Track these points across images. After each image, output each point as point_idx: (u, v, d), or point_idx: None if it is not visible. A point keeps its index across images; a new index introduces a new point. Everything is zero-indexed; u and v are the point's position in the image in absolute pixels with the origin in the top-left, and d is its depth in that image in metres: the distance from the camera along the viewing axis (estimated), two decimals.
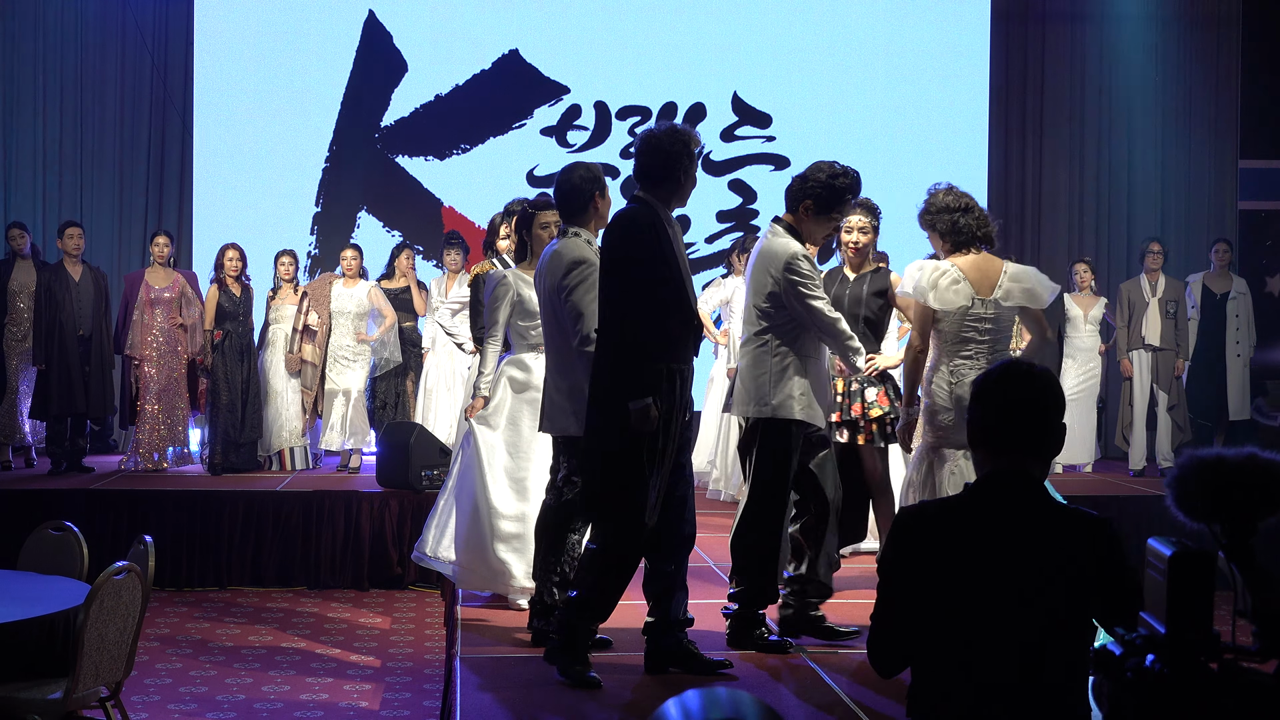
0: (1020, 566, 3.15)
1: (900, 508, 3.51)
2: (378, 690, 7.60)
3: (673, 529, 5.51)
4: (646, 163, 5.50)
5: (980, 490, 3.29)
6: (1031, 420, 3.28)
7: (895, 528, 3.33)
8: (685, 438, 5.57)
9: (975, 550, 3.19)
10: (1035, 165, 14.55)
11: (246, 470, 11.39)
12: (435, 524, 7.38)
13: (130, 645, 5.64)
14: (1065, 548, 3.16)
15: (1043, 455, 3.30)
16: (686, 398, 5.48)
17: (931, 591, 3.20)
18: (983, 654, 3.14)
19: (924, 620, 3.22)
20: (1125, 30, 14.51)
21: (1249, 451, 2.63)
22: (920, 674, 3.26)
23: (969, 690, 3.13)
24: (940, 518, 3.32)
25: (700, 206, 13.77)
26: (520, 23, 14.03)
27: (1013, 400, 3.28)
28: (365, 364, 11.74)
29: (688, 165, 5.49)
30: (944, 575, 3.20)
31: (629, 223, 5.48)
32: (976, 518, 3.24)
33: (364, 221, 13.97)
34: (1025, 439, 3.28)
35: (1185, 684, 2.43)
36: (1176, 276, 12.57)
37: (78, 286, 11.33)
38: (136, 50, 13.79)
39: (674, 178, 5.49)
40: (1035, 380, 3.31)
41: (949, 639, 3.18)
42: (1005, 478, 3.26)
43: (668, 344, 5.37)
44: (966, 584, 3.17)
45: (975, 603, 3.16)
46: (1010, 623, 3.13)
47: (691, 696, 2.09)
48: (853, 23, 14.25)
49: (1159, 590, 2.51)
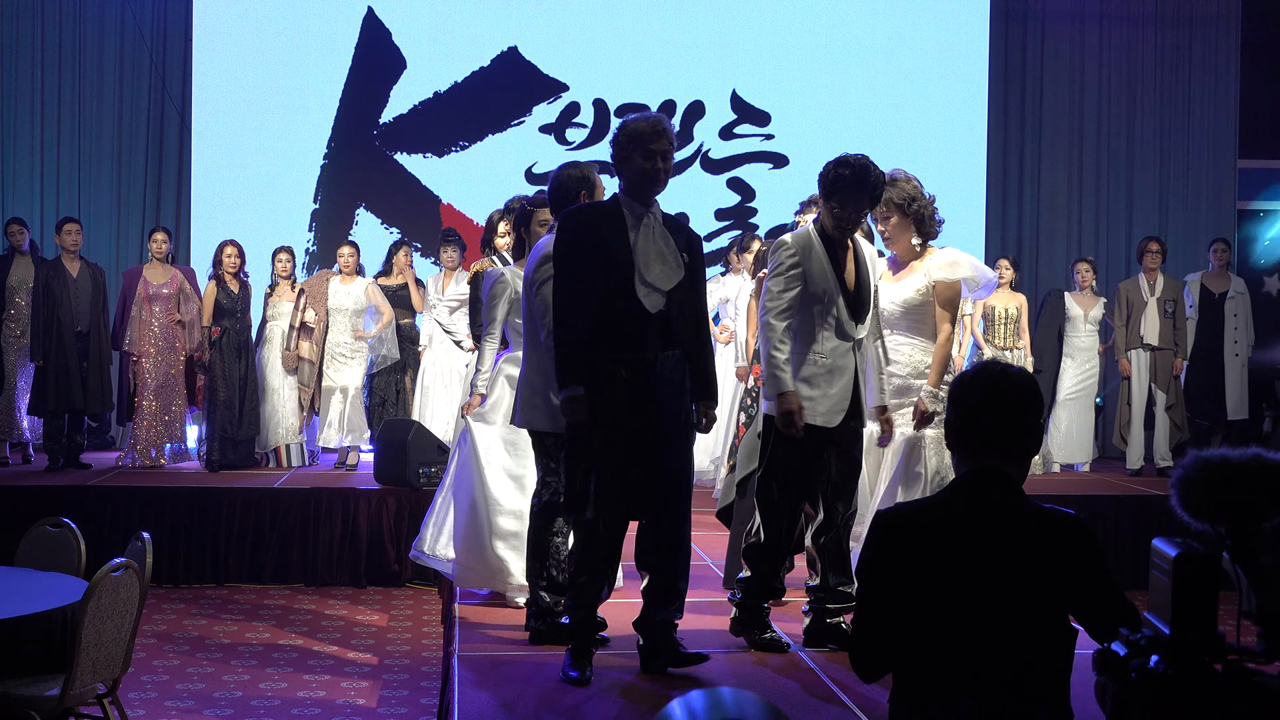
0: (997, 567, 3.16)
1: (877, 510, 3.48)
2: (375, 687, 7.60)
3: (652, 528, 5.44)
4: (611, 154, 5.50)
5: (957, 491, 3.31)
6: (1008, 421, 3.29)
7: (873, 530, 3.34)
8: (659, 433, 5.36)
9: (953, 551, 3.20)
10: (1034, 164, 14.57)
11: (244, 467, 11.38)
12: (433, 522, 7.37)
13: (128, 642, 5.64)
14: (1042, 548, 3.17)
15: (1019, 455, 3.32)
16: (648, 392, 5.32)
17: (910, 593, 3.21)
18: (962, 655, 3.15)
19: (904, 622, 3.22)
20: (1124, 30, 14.54)
21: (1254, 452, 2.63)
22: (901, 675, 3.27)
23: (949, 691, 3.14)
24: (917, 519, 3.33)
25: (698, 204, 13.77)
26: (519, 20, 14.04)
27: (989, 401, 3.30)
28: (362, 361, 11.75)
29: (631, 151, 5.37)
30: (922, 577, 3.20)
31: (567, 217, 5.49)
32: (953, 519, 3.25)
33: (362, 218, 13.96)
34: (1001, 440, 3.29)
35: (1189, 685, 2.43)
36: (1175, 276, 12.59)
37: (75, 283, 11.32)
38: (135, 47, 13.79)
39: (626, 165, 5.41)
40: (1011, 380, 3.32)
41: (928, 640, 3.19)
42: (982, 478, 3.28)
43: (609, 336, 5.29)
44: (944, 585, 3.18)
45: (953, 604, 3.17)
46: (988, 624, 3.14)
47: (696, 697, 2.09)
48: (851, 21, 14.27)
49: (1164, 591, 2.52)
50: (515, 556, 6.76)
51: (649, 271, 5.31)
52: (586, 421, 5.28)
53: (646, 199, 5.42)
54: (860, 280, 5.87)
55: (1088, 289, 12.30)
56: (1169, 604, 2.50)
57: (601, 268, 5.31)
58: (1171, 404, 12.04)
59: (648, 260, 5.32)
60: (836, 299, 5.79)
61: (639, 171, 5.38)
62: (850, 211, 5.80)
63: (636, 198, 5.42)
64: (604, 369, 5.29)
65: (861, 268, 5.90)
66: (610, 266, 5.29)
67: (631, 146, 5.37)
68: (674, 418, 5.38)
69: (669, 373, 5.36)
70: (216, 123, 13.78)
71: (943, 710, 3.14)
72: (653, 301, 5.31)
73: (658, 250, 5.35)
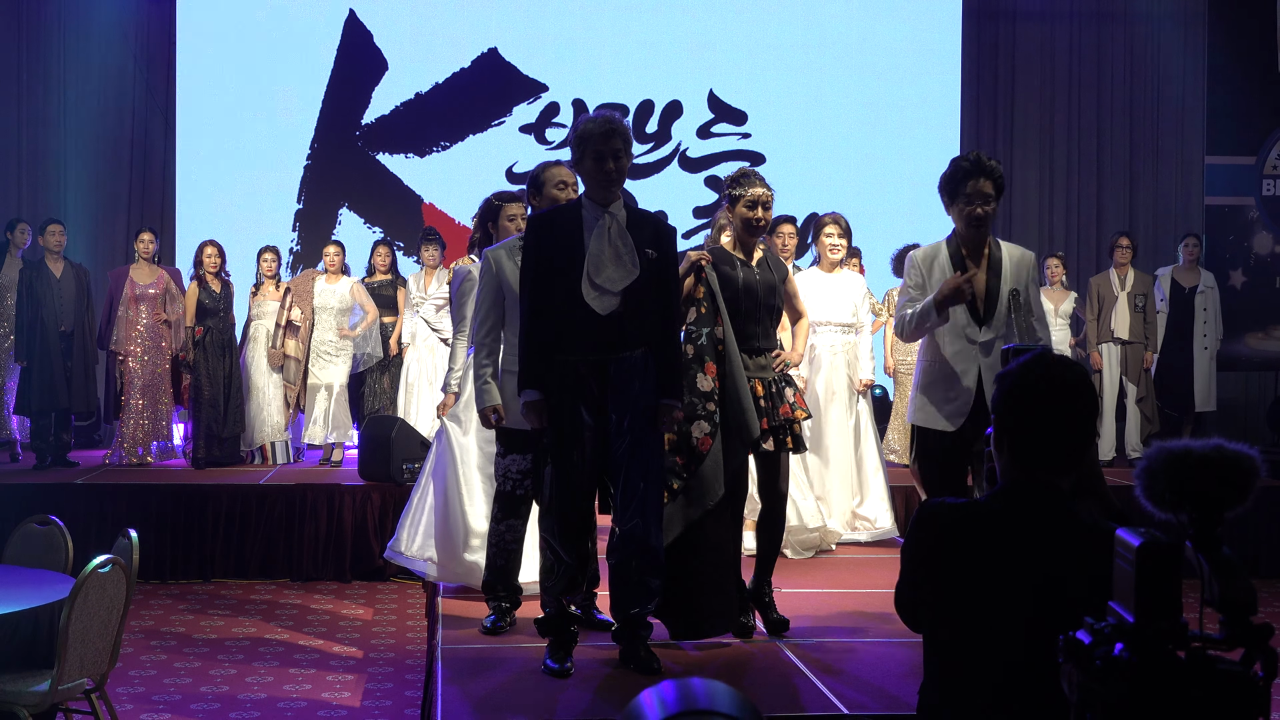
0: (1039, 581, 3.08)
1: (923, 502, 3.44)
2: (360, 681, 7.67)
3: (620, 524, 5.45)
4: (570, 154, 5.54)
5: (1004, 500, 3.19)
6: (1069, 434, 3.15)
7: (916, 519, 3.29)
8: (623, 431, 5.36)
9: (993, 561, 3.13)
10: (1006, 161, 14.65)
11: (229, 464, 11.45)
12: (409, 522, 7.38)
13: (115, 638, 5.69)
14: (1088, 564, 3.02)
15: (1073, 467, 3.19)
16: (606, 391, 5.34)
17: (947, 591, 3.18)
18: (988, 659, 3.12)
19: (936, 615, 3.22)
20: (1094, 28, 14.67)
21: (1216, 443, 2.61)
22: (931, 670, 3.27)
23: (975, 694, 3.13)
24: (962, 523, 3.22)
25: (676, 202, 13.87)
26: (499, 22, 14.12)
27: (1053, 413, 3.13)
28: (347, 359, 11.81)
29: (583, 153, 5.38)
30: (960, 580, 3.16)
31: (529, 220, 5.57)
32: (999, 529, 3.15)
33: (345, 218, 14.02)
34: (1059, 453, 3.16)
35: (1153, 672, 2.41)
36: (1145, 270, 12.70)
37: (59, 283, 11.36)
38: (119, 47, 13.80)
39: (581, 167, 5.44)
40: (1077, 389, 3.15)
41: (956, 640, 3.18)
42: (1031, 492, 3.16)
43: (564, 336, 5.33)
44: (983, 592, 3.13)
45: (990, 613, 3.12)
46: (1024, 636, 3.08)
47: (667, 688, 2.05)
48: (827, 21, 14.37)
49: (1127, 580, 2.52)
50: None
51: (599, 274, 5.28)
52: (545, 424, 5.37)
53: (603, 199, 5.40)
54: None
55: (1058, 284, 12.41)
56: (1132, 593, 2.50)
57: (556, 271, 5.35)
58: (1142, 396, 12.18)
59: (599, 262, 5.30)
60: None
61: (595, 173, 5.38)
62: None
63: (593, 198, 5.43)
64: (563, 370, 5.34)
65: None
66: (563, 269, 5.33)
67: (583, 148, 5.37)
68: (636, 416, 5.36)
69: (629, 372, 5.36)
70: (200, 124, 13.83)
71: (968, 710, 3.14)
72: (603, 304, 5.30)
73: (612, 251, 5.33)
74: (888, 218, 13.12)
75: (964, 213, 5.92)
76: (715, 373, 5.88)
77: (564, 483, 5.38)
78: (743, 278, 6.07)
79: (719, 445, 5.86)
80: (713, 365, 5.88)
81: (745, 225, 6.10)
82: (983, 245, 5.96)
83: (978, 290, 5.85)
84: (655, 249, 5.42)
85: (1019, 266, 5.96)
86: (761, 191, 6.06)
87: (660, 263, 5.44)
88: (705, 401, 5.85)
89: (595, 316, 5.29)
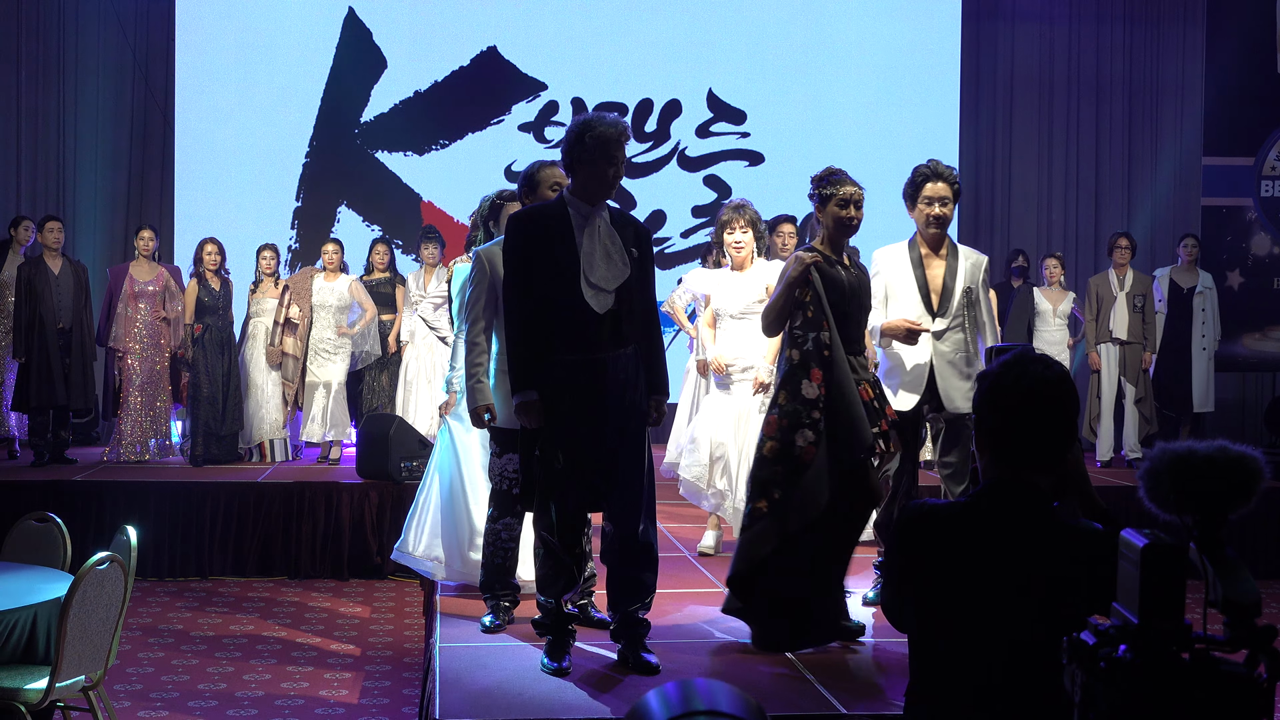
0: (1021, 581, 3.08)
1: (901, 506, 3.44)
2: (358, 679, 7.67)
3: (614, 522, 5.47)
4: (569, 152, 5.45)
5: (987, 500, 3.19)
6: (1050, 433, 3.15)
7: (898, 522, 3.28)
8: (617, 429, 5.39)
9: (976, 561, 3.12)
10: (1005, 161, 14.71)
11: (227, 462, 11.45)
12: (415, 522, 7.36)
13: (112, 635, 5.69)
14: (1069, 564, 3.06)
15: (1054, 465, 3.19)
16: (603, 390, 5.35)
17: (930, 593, 3.18)
18: (973, 662, 3.12)
19: (920, 616, 3.21)
20: (1093, 28, 14.67)
21: (1219, 444, 2.60)
22: (916, 673, 3.27)
23: (960, 696, 3.13)
24: (945, 523, 3.20)
25: (675, 201, 13.86)
26: (498, 20, 14.12)
27: (1033, 412, 3.14)
28: (345, 357, 11.81)
29: (596, 156, 5.32)
30: (943, 581, 3.15)
31: (511, 220, 5.51)
32: (981, 528, 3.15)
33: (344, 216, 14.02)
34: (1040, 452, 3.16)
35: (1156, 674, 2.42)
36: (1144, 271, 12.71)
37: (58, 280, 11.35)
38: (118, 45, 13.80)
39: (589, 168, 5.37)
40: (1058, 388, 3.15)
41: (941, 643, 3.17)
42: (1013, 491, 3.16)
43: (561, 338, 5.33)
44: (965, 593, 3.12)
45: (973, 613, 3.12)
46: (1007, 636, 3.08)
47: (670, 688, 2.05)
48: (826, 21, 14.38)
49: (1131, 581, 2.51)
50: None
51: (594, 272, 5.30)
52: (541, 424, 5.36)
53: (598, 201, 5.40)
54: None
55: (1056, 284, 12.42)
56: (1136, 594, 2.50)
57: (549, 271, 5.33)
58: (1140, 397, 12.18)
59: (593, 261, 5.31)
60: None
61: (601, 177, 5.35)
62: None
63: (587, 199, 5.40)
64: (557, 369, 5.34)
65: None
66: (557, 269, 5.32)
67: (599, 151, 5.31)
68: (631, 413, 5.40)
69: (623, 370, 5.39)
70: (199, 121, 13.82)
71: (955, 709, 3.14)
72: (600, 302, 5.32)
73: (603, 250, 5.35)
74: (887, 217, 13.07)
75: (923, 214, 6.52)
76: (821, 379, 5.71)
77: (561, 481, 5.38)
78: (845, 279, 5.94)
79: (824, 454, 5.69)
80: (818, 371, 5.71)
81: (838, 225, 5.95)
82: (941, 244, 6.59)
83: (933, 285, 6.51)
84: (636, 249, 5.47)
85: (974, 268, 6.60)
86: (853, 190, 5.92)
87: (642, 262, 5.50)
88: (810, 409, 5.69)
89: (594, 315, 5.31)
